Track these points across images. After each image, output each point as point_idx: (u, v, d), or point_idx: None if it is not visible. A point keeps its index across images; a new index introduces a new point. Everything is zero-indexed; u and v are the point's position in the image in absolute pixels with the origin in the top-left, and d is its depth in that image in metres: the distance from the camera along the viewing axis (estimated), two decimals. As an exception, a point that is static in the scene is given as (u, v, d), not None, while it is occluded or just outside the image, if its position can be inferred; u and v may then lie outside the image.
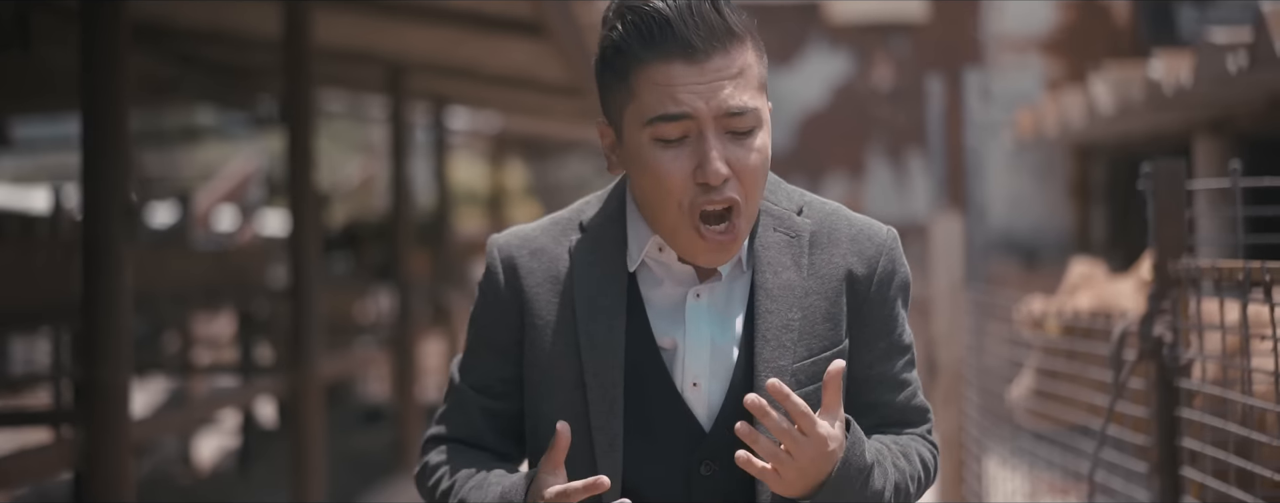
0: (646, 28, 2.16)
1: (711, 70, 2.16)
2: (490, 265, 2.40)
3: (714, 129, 2.18)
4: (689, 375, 2.28)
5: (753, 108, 2.19)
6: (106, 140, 4.35)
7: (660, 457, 2.28)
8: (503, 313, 2.36)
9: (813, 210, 2.36)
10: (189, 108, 14.36)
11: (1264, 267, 2.97)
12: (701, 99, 2.16)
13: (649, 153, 2.20)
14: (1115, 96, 9.09)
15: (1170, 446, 3.59)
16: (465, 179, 27.06)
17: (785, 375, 2.24)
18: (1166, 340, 3.54)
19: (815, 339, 2.28)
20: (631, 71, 2.20)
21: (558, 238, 2.37)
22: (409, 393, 9.65)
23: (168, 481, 10.07)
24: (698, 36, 2.15)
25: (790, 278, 2.29)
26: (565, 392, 2.28)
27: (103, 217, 4.34)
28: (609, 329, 2.28)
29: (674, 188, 2.19)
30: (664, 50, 2.16)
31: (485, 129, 15.51)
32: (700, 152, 2.18)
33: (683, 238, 2.23)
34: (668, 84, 2.16)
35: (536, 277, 2.34)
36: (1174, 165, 3.63)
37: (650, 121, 2.19)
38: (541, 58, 8.53)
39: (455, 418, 2.42)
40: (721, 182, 2.17)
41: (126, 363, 4.41)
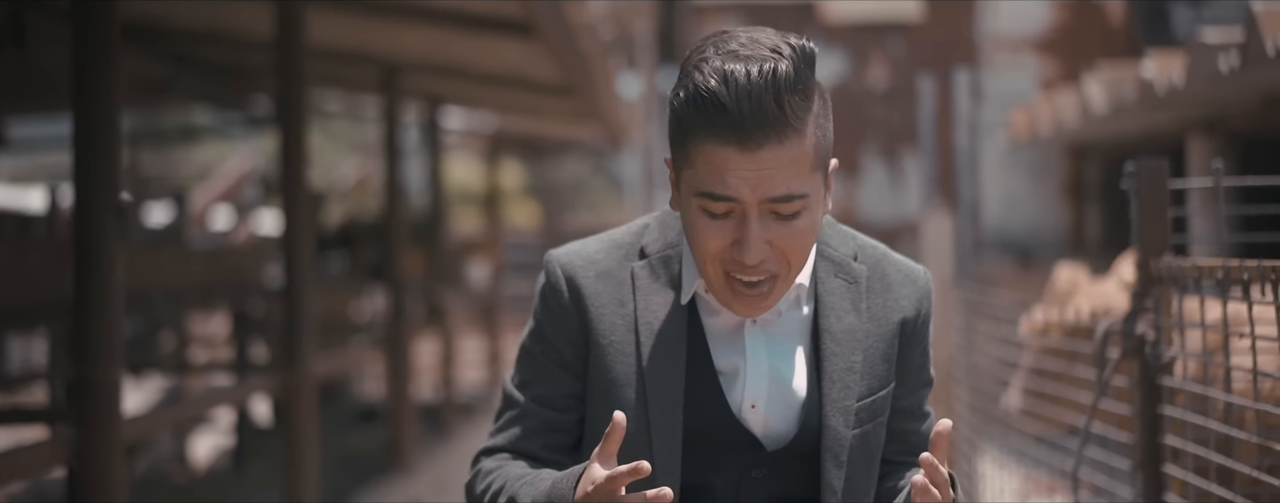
0: (704, 109, 2.21)
1: (762, 159, 2.21)
2: (554, 283, 2.47)
3: (757, 213, 2.25)
4: (748, 398, 2.40)
5: (799, 194, 2.25)
6: (98, 140, 4.36)
7: (718, 466, 2.40)
8: (568, 330, 2.45)
9: (865, 255, 2.49)
10: (186, 107, 14.37)
11: (1242, 265, 2.99)
12: (748, 186, 2.22)
13: (696, 217, 2.29)
14: (1108, 96, 9.11)
15: (1153, 443, 3.61)
16: (461, 179, 27.09)
17: (849, 415, 2.39)
18: (1149, 339, 3.56)
19: (874, 380, 2.43)
20: (689, 142, 2.27)
21: (621, 262, 2.47)
22: (403, 393, 9.66)
23: (163, 479, 10.09)
24: (752, 126, 2.19)
25: (852, 322, 2.43)
26: (629, 410, 2.37)
27: (94, 216, 4.35)
28: (671, 354, 2.39)
29: (712, 254, 2.29)
30: (718, 135, 2.21)
31: (481, 129, 15.52)
32: (742, 230, 2.27)
33: (718, 292, 2.34)
34: (719, 166, 2.22)
35: (602, 299, 2.43)
36: (1156, 164, 3.65)
37: (699, 194, 2.27)
38: (533, 58, 8.54)
39: (513, 432, 2.50)
40: (757, 262, 2.27)
41: (117, 362, 4.43)
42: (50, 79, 8.86)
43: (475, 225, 23.20)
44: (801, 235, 2.29)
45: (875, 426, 2.44)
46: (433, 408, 12.17)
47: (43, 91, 9.63)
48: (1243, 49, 6.53)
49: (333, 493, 8.67)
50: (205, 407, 7.61)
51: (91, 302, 4.36)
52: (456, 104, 13.05)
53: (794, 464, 2.43)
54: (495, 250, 15.87)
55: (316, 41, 8.13)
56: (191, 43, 9.26)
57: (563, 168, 25.45)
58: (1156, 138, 10.33)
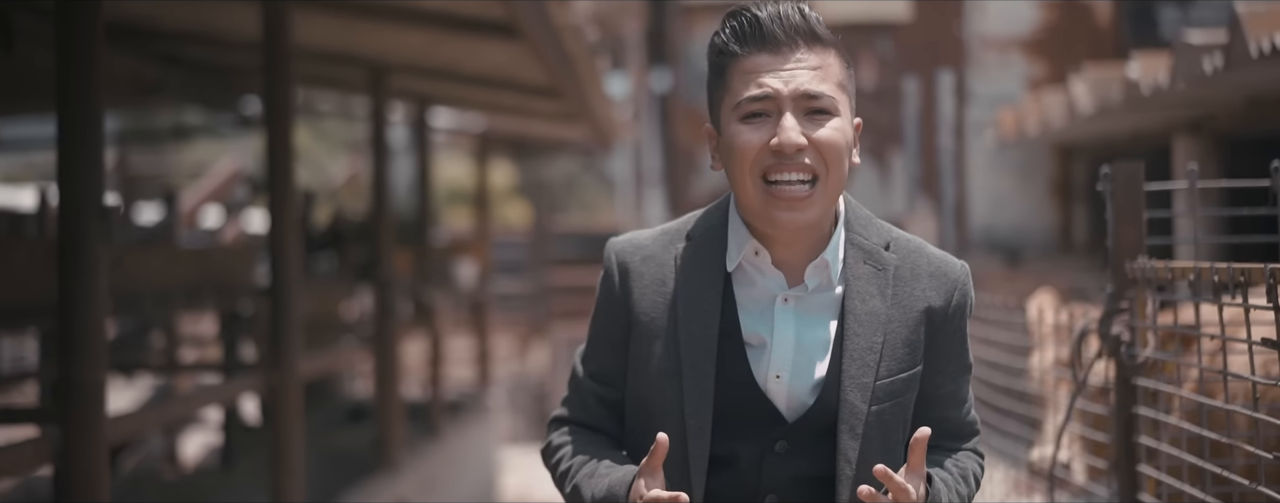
0: (740, 27, 2.54)
1: (793, 60, 2.51)
2: (607, 268, 2.70)
3: (792, 108, 2.50)
4: (773, 369, 2.57)
5: (829, 95, 2.52)
6: (82, 140, 4.38)
7: (742, 437, 2.57)
8: (615, 311, 2.68)
9: (898, 246, 2.65)
10: (177, 107, 14.37)
11: (1212, 267, 3.02)
12: (781, 82, 2.50)
13: (736, 132, 2.53)
14: (1095, 97, 9.14)
15: (1128, 442, 3.64)
16: (451, 178, 27.09)
17: (867, 391, 2.54)
18: (1124, 339, 3.59)
19: (894, 362, 2.58)
20: (728, 67, 2.56)
21: (666, 246, 2.67)
22: (391, 392, 9.67)
23: (153, 477, 10.10)
24: (781, 31, 2.51)
25: (876, 306, 2.58)
26: (664, 381, 2.59)
27: (79, 216, 4.37)
28: (705, 327, 2.58)
29: (749, 155, 2.51)
30: (753, 44, 2.53)
31: (470, 128, 15.53)
32: (778, 125, 2.51)
33: (758, 202, 2.53)
34: (754, 71, 2.52)
35: (645, 280, 2.65)
36: (1132, 167, 3.68)
37: (738, 104, 2.52)
38: (520, 59, 8.55)
39: (574, 402, 2.77)
40: (795, 150, 2.49)
41: (102, 362, 4.45)
42: (40, 80, 8.86)
43: (465, 225, 23.21)
44: (834, 140, 2.51)
45: (893, 405, 2.58)
46: (421, 407, 12.18)
47: (32, 92, 9.63)
48: (1227, 50, 6.56)
49: (321, 492, 8.68)
50: (191, 406, 7.63)
51: (76, 302, 4.38)
52: (445, 105, 13.06)
53: (814, 440, 2.58)
54: (484, 250, 15.88)
55: (304, 42, 8.14)
56: (181, 43, 9.27)
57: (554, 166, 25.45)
58: (1143, 138, 10.36)
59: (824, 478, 2.57)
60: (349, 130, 25.51)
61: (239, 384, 7.36)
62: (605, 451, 2.68)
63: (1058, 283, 11.37)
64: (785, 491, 2.57)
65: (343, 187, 19.24)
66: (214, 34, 8.80)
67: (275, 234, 6.82)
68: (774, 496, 2.57)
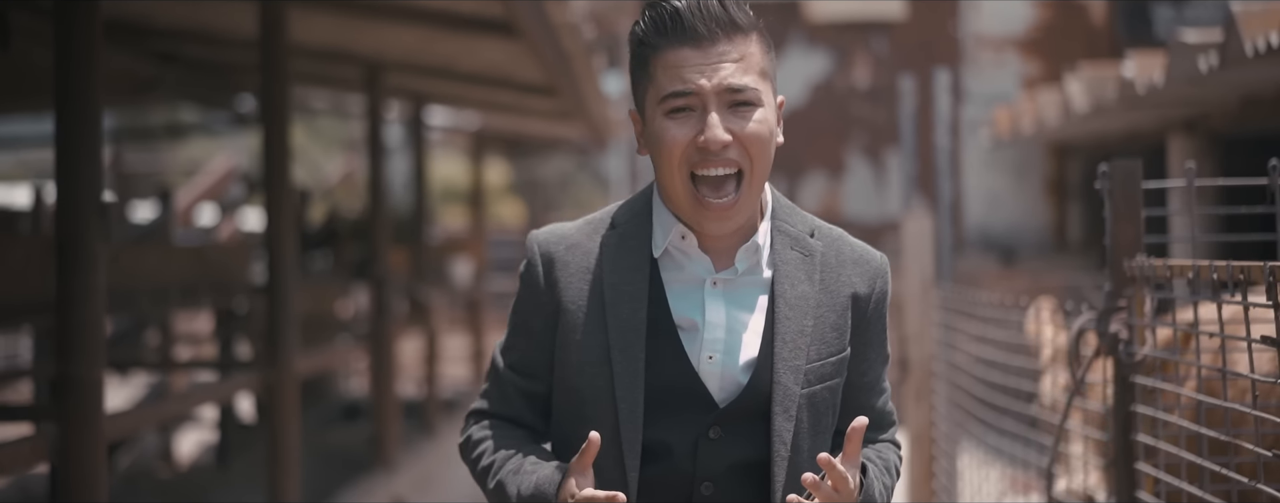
0: (661, 20, 2.54)
1: (715, 53, 2.51)
2: (530, 258, 2.68)
3: (716, 103, 2.51)
4: (706, 350, 2.57)
5: (752, 86, 2.53)
6: (80, 138, 4.38)
7: (675, 424, 2.57)
8: (539, 302, 2.65)
9: (822, 234, 2.68)
10: (171, 105, 14.37)
11: (1212, 265, 3.03)
12: (705, 77, 2.51)
13: (662, 127, 2.54)
14: (1090, 95, 9.15)
15: (1125, 440, 3.65)
16: (446, 176, 27.08)
17: (799, 374, 2.56)
18: (1122, 337, 3.60)
19: (824, 345, 2.60)
20: (650, 59, 2.56)
21: (591, 234, 2.67)
22: (387, 390, 9.68)
23: (148, 475, 10.09)
24: (702, 24, 2.51)
25: (805, 291, 2.61)
26: (593, 368, 2.57)
27: (76, 213, 4.37)
28: (633, 311, 2.58)
29: (676, 152, 2.52)
30: (674, 38, 2.52)
31: (465, 126, 15.53)
32: (703, 121, 2.52)
33: (687, 205, 2.56)
34: (677, 66, 2.52)
35: (571, 268, 2.63)
36: (1130, 165, 3.69)
37: (663, 99, 2.53)
38: (516, 57, 8.55)
39: (494, 395, 2.72)
40: (720, 147, 2.50)
41: (100, 359, 4.45)
42: (35, 77, 8.85)
43: (461, 223, 23.18)
44: (758, 133, 2.53)
45: (824, 388, 2.60)
46: (416, 405, 12.18)
47: (29, 90, 9.63)
48: (1222, 49, 6.56)
49: (317, 490, 8.69)
50: (188, 404, 7.63)
51: (73, 299, 4.38)
52: (440, 103, 13.05)
53: (747, 426, 2.57)
54: (479, 248, 15.88)
55: (300, 40, 8.14)
56: (177, 41, 9.27)
57: (549, 164, 25.44)
58: (1137, 137, 10.38)
59: (758, 465, 2.57)
60: (343, 129, 25.50)
61: (236, 382, 7.36)
62: (528, 445, 2.65)
63: (1052, 282, 11.39)
64: (721, 479, 2.57)
65: (337, 185, 19.23)
66: (210, 32, 8.80)
67: (272, 232, 6.82)
68: (709, 483, 2.57)
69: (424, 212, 12.16)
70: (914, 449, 7.02)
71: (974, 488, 6.22)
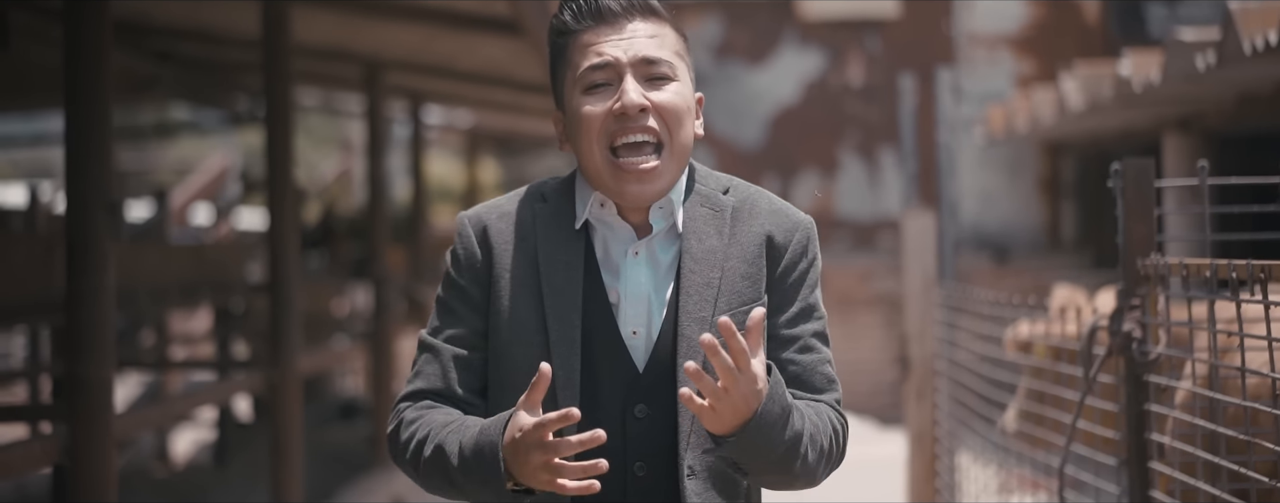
0: (577, 5, 2.59)
1: (629, 30, 2.56)
2: (462, 231, 2.65)
3: (632, 73, 2.54)
4: (628, 325, 2.57)
5: (667, 61, 2.57)
6: (89, 137, 4.39)
7: (603, 400, 2.54)
8: (474, 271, 2.61)
9: (737, 189, 2.67)
10: (163, 104, 14.34)
11: (1230, 264, 3.04)
12: (620, 50, 2.55)
13: (580, 103, 2.56)
14: (1085, 94, 9.15)
15: (1139, 439, 3.66)
16: (439, 175, 27.05)
17: (705, 324, 2.53)
18: (1135, 336, 3.61)
19: (734, 295, 2.57)
20: (568, 46, 2.60)
21: (521, 205, 2.65)
22: (385, 388, 9.68)
23: (145, 475, 10.08)
24: (617, 5, 2.57)
25: (713, 244, 2.59)
26: (529, 335, 2.55)
27: (86, 213, 4.37)
28: (567, 280, 2.57)
29: (595, 124, 2.54)
30: (590, 19, 2.57)
31: (459, 125, 15.52)
32: (620, 90, 2.54)
33: (608, 175, 2.55)
34: (593, 43, 2.56)
35: (505, 237, 2.61)
36: (1143, 164, 3.70)
37: (580, 75, 2.56)
38: (517, 55, 8.55)
39: (428, 371, 2.62)
40: (636, 111, 2.52)
41: (110, 358, 4.45)
42: (32, 76, 8.85)
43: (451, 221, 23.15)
44: (675, 103, 2.55)
45: None
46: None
47: (24, 89, 9.61)
48: (1219, 47, 6.57)
49: (315, 489, 8.68)
50: (195, 404, 7.63)
51: (83, 298, 4.38)
52: (438, 102, 13.05)
53: (671, 402, 2.52)
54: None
55: (301, 39, 8.14)
56: (175, 40, 9.26)
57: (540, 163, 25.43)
58: (1132, 136, 10.39)
59: None
60: (335, 127, 25.46)
61: (239, 381, 7.37)
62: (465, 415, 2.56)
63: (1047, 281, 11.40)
64: (651, 459, 2.53)
65: (333, 183, 19.22)
66: (209, 31, 8.80)
67: (274, 231, 6.82)
68: (642, 464, 2.53)
69: (421, 210, 12.16)
70: (916, 448, 7.03)
71: (978, 486, 6.23)
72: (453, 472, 2.45)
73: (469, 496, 2.49)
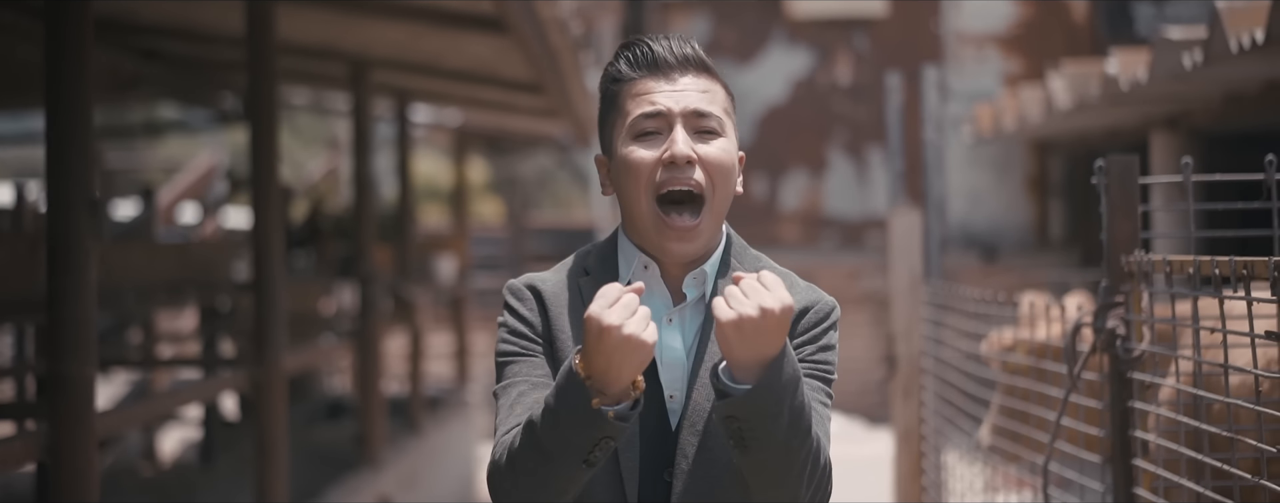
0: (634, 56, 2.69)
1: (682, 84, 2.65)
2: (517, 294, 2.72)
3: (682, 124, 2.62)
4: (667, 390, 2.64)
5: (717, 116, 2.65)
6: (70, 136, 4.37)
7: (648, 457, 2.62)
8: (533, 328, 2.68)
9: (767, 267, 2.71)
10: (151, 103, 14.31)
11: (1213, 261, 3.03)
12: (672, 100, 2.63)
13: (630, 152, 2.63)
14: (1072, 92, 9.16)
15: (1123, 436, 3.65)
16: (426, 174, 27.03)
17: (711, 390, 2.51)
18: (1119, 333, 3.60)
19: None
20: (621, 94, 2.69)
21: (570, 281, 2.72)
22: (371, 388, 9.66)
23: (131, 474, 10.05)
24: (673, 58, 2.67)
25: None
26: None
27: (67, 211, 4.36)
28: None
29: (644, 172, 2.61)
30: (645, 69, 2.67)
31: (447, 123, 15.50)
32: (669, 140, 2.62)
33: (652, 226, 2.63)
34: (646, 92, 2.65)
35: (559, 303, 2.69)
36: (1127, 160, 3.69)
37: (631, 122, 2.64)
38: (503, 53, 8.54)
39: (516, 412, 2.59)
40: (685, 161, 2.60)
41: (92, 357, 4.43)
42: (18, 74, 8.82)
43: (441, 221, 23.13)
44: (721, 159, 2.63)
45: None
46: (401, 403, 12.15)
47: (11, 87, 9.58)
48: (1206, 45, 6.57)
49: (302, 488, 8.66)
50: (179, 402, 7.60)
51: (65, 297, 4.37)
52: (425, 100, 13.03)
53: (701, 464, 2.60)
54: (462, 246, 15.85)
55: (287, 37, 8.12)
56: (161, 38, 9.24)
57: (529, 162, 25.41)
58: (1120, 134, 10.40)
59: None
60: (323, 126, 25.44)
61: (224, 380, 7.34)
62: None
63: (1033, 279, 11.41)
64: None
65: (320, 182, 19.18)
66: (195, 29, 8.77)
67: (259, 229, 6.80)
68: None
69: (408, 209, 12.14)
70: (902, 446, 7.02)
71: (964, 485, 6.23)
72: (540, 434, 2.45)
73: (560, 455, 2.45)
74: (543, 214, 27.02)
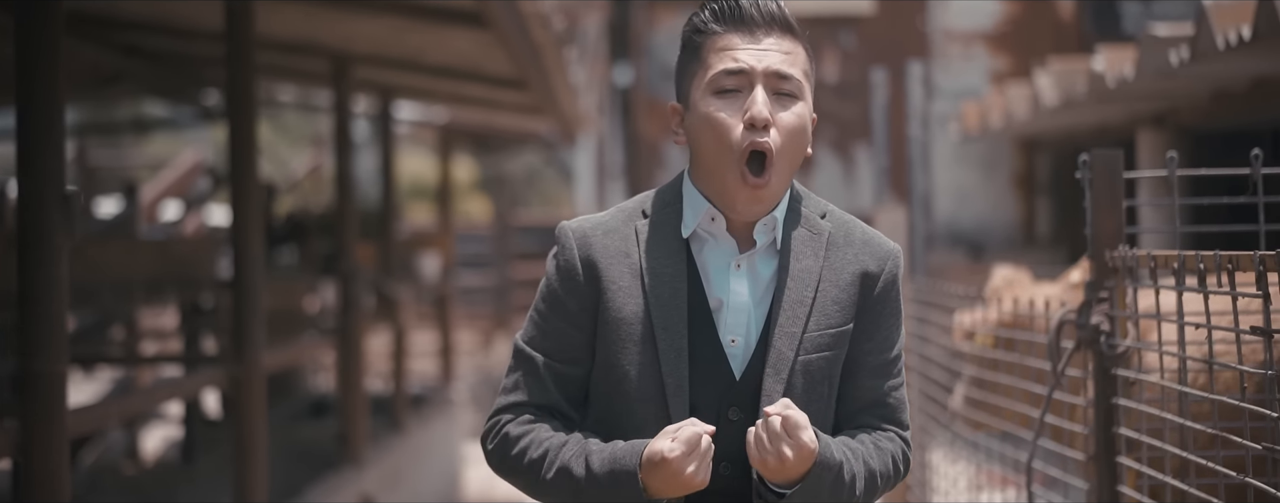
0: (721, 8, 2.72)
1: (767, 43, 2.68)
2: (565, 243, 2.78)
3: (763, 84, 2.66)
4: (728, 333, 2.70)
5: (797, 78, 2.68)
6: (42, 132, 4.31)
7: (701, 403, 2.69)
8: (575, 284, 2.75)
9: (833, 216, 2.81)
10: (138, 100, 14.24)
11: (1198, 255, 2.99)
12: (755, 58, 2.67)
13: (709, 105, 2.67)
14: (1059, 89, 9.14)
15: (1107, 434, 3.61)
16: (414, 172, 26.98)
17: (794, 339, 2.68)
18: (1103, 329, 3.56)
19: (824, 317, 2.71)
20: (704, 46, 2.72)
21: (625, 221, 2.79)
22: (354, 386, 9.60)
23: (113, 473, 10.00)
24: (759, 16, 2.69)
25: (809, 265, 2.73)
26: (637, 346, 2.69)
27: (38, 208, 4.30)
28: (673, 292, 2.70)
29: (725, 130, 2.65)
30: (730, 25, 2.70)
31: (433, 121, 15.45)
32: (750, 100, 2.65)
33: (730, 184, 2.66)
34: (729, 48, 2.68)
35: (610, 251, 2.74)
36: (1111, 155, 3.65)
37: (712, 77, 2.68)
38: (486, 48, 8.49)
39: (529, 385, 2.76)
40: (764, 123, 2.63)
41: (63, 354, 4.38)
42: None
43: (428, 219, 23.08)
44: (796, 125, 2.67)
45: (820, 358, 2.70)
46: (384, 401, 12.10)
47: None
48: (1193, 43, 6.56)
49: (283, 486, 8.61)
50: (152, 400, 7.55)
51: (36, 294, 4.31)
52: (409, 97, 12.98)
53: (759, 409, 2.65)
54: (447, 243, 15.80)
55: (266, 32, 8.05)
56: (141, 34, 9.17)
57: (517, 160, 25.37)
58: (1107, 132, 10.37)
59: None
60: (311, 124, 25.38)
61: (201, 378, 7.29)
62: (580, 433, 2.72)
63: (1022, 276, 11.36)
64: (738, 462, 2.65)
65: (304, 179, 19.12)
66: (175, 24, 8.71)
67: (238, 226, 6.74)
68: (728, 464, 2.66)
69: (392, 206, 12.08)
70: (887, 444, 6.96)
71: (947, 483, 6.19)
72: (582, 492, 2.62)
73: None
74: (530, 212, 26.97)
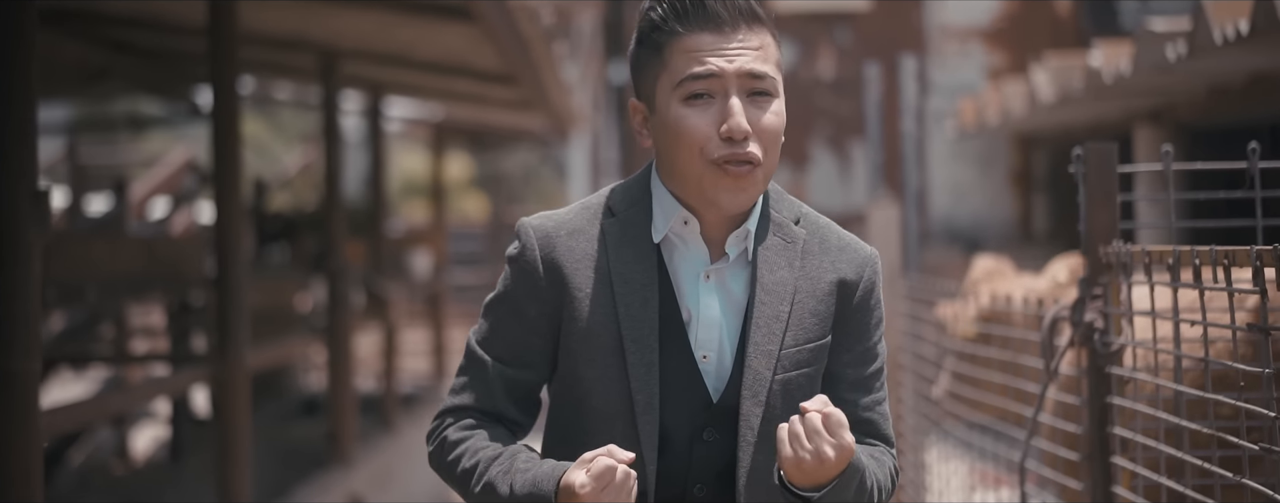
0: (681, 6, 2.50)
1: (736, 40, 2.48)
2: (525, 243, 2.59)
3: (737, 88, 2.47)
4: (700, 349, 2.55)
5: (771, 76, 2.50)
6: (14, 128, 4.23)
7: (673, 423, 2.54)
8: (535, 287, 2.57)
9: (808, 221, 2.64)
10: (132, 97, 14.17)
11: (1193, 250, 2.91)
12: (726, 61, 2.47)
13: (678, 112, 2.48)
14: (1056, 85, 9.10)
15: (1101, 433, 3.53)
16: (408, 170, 26.93)
17: (771, 358, 2.52)
18: (1098, 326, 3.49)
19: (801, 331, 2.55)
20: (666, 45, 2.50)
21: (590, 221, 2.60)
22: (344, 385, 9.53)
23: (102, 472, 9.94)
24: (725, 11, 2.48)
25: (784, 276, 2.56)
26: (605, 358, 2.52)
27: (10, 204, 4.22)
28: (643, 302, 2.53)
29: (698, 141, 2.47)
30: (695, 23, 2.48)
31: (428, 118, 15.39)
32: (724, 109, 2.46)
33: (707, 182, 2.48)
34: (697, 50, 2.48)
35: (575, 254, 2.56)
36: (1105, 149, 3.58)
37: (680, 83, 2.48)
38: (475, 43, 8.43)
39: (476, 389, 2.61)
40: (744, 136, 2.45)
41: (36, 352, 4.30)
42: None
43: (423, 217, 23.03)
44: (774, 126, 2.49)
45: (799, 375, 2.55)
46: (374, 400, 12.03)
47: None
48: (1190, 38, 6.53)
49: (272, 486, 8.54)
50: (135, 399, 7.48)
51: (9, 291, 4.23)
52: (399, 93, 12.91)
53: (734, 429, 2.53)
54: (440, 241, 15.74)
55: (253, 27, 7.97)
56: (127, 29, 9.10)
57: (512, 158, 25.31)
58: (1103, 128, 10.32)
59: None
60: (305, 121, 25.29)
61: (186, 377, 7.21)
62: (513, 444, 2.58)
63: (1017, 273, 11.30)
64: (712, 482, 2.54)
65: (296, 176, 19.06)
66: (162, 19, 8.63)
67: (222, 223, 6.67)
68: (701, 487, 2.54)
69: (382, 204, 12.01)
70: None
71: (941, 482, 6.13)
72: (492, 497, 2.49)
73: None
74: (526, 209, 26.91)
